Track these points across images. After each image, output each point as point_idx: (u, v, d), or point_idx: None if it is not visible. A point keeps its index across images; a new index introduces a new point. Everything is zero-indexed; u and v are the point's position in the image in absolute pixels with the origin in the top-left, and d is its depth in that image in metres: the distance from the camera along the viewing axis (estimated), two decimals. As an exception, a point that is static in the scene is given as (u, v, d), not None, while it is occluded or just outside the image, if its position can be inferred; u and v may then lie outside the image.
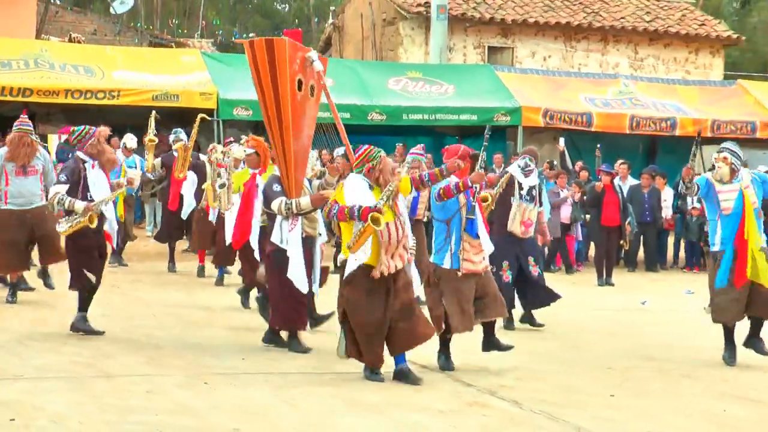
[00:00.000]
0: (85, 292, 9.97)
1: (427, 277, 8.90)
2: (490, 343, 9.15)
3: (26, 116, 11.86)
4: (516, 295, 11.37)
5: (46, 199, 11.14)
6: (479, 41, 26.90)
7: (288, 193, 9.28)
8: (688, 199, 20.13)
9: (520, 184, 11.29)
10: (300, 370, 8.74)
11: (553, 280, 11.66)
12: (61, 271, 11.76)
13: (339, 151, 18.67)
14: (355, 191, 8.19)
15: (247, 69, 24.18)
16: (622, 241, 17.06)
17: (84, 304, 9.96)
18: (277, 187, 9.37)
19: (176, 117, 18.84)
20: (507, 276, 11.15)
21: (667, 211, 19.89)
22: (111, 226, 10.20)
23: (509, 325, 11.27)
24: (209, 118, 12.51)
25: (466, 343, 9.03)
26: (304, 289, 9.27)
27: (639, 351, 10.50)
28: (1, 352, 8.92)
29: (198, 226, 14.97)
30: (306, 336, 9.71)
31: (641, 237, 19.53)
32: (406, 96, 22.06)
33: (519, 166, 11.40)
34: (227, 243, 13.76)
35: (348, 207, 8.08)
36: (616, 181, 18.35)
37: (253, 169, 11.52)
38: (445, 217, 8.77)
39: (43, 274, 12.10)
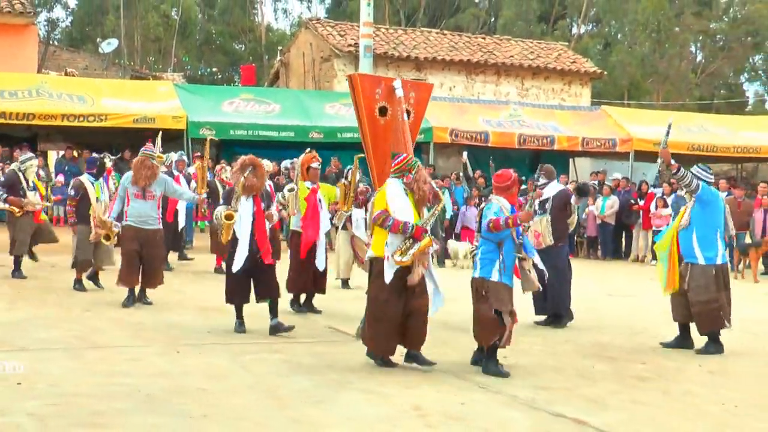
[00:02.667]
0: (239, 305, 9.11)
1: (475, 291, 7.70)
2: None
3: (152, 143, 10.65)
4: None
5: (162, 224, 10.76)
6: (398, 74, 26.88)
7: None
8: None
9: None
10: (254, 340, 8.69)
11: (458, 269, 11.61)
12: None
13: (285, 163, 18.50)
14: (397, 196, 7.56)
15: (211, 97, 23.80)
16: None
17: (239, 312, 9.13)
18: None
19: (153, 136, 18.58)
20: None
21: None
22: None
23: (558, 323, 10.22)
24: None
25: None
26: None
27: (528, 322, 10.40)
28: (10, 328, 8.76)
29: (213, 232, 14.23)
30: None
31: (530, 231, 19.73)
32: (340, 118, 22.09)
33: (536, 185, 10.24)
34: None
35: (402, 223, 7.38)
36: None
37: (313, 183, 10.62)
38: (497, 239, 7.52)
39: (143, 294, 10.68)
